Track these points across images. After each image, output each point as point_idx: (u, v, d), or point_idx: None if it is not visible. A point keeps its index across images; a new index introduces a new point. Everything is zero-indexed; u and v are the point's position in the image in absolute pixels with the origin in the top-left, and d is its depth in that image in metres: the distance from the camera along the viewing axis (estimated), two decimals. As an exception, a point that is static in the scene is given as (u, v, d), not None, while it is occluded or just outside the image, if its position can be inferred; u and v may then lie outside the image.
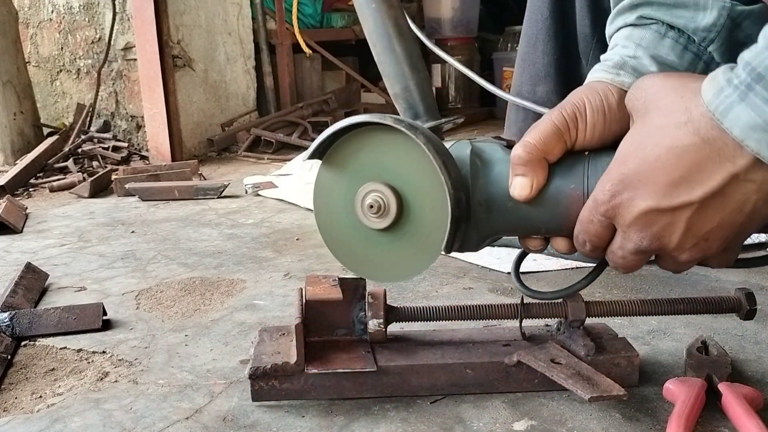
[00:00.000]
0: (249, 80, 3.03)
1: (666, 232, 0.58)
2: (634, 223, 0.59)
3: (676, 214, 0.57)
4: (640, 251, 0.61)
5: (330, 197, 0.72)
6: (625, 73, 0.67)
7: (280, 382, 0.75)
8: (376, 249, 0.72)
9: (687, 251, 0.59)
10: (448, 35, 3.68)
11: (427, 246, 0.70)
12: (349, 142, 0.70)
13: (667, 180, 0.56)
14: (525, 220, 0.69)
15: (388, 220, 0.70)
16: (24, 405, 0.80)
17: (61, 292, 1.20)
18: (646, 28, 0.70)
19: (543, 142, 0.64)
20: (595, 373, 0.72)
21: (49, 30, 3.04)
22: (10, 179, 2.17)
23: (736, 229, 0.58)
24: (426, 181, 0.68)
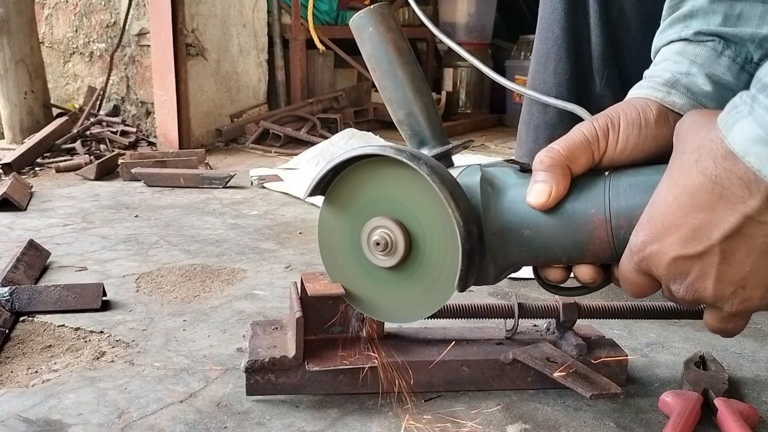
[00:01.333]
0: (261, 73, 3.04)
1: (700, 282, 0.55)
2: (668, 273, 0.56)
3: (704, 260, 0.54)
4: (684, 301, 0.58)
5: (335, 235, 0.70)
6: (676, 92, 0.63)
7: (277, 376, 0.75)
8: (385, 288, 0.69)
9: (728, 301, 0.55)
10: (462, 40, 3.68)
11: (439, 284, 0.66)
12: (352, 176, 0.67)
13: (688, 224, 0.53)
14: (544, 249, 0.63)
15: (397, 257, 0.66)
16: (19, 379, 0.80)
17: (62, 270, 1.21)
18: (702, 45, 0.65)
19: (569, 149, 0.61)
20: (591, 372, 0.74)
21: (65, 12, 3.05)
22: (17, 157, 2.17)
23: None
24: (434, 214, 0.64)
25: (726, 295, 0.55)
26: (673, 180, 0.55)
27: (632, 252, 0.58)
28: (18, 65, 2.57)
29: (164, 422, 0.71)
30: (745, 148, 0.49)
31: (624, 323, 0.98)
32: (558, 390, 0.78)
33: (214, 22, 2.79)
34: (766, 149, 0.48)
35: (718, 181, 0.51)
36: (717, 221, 0.52)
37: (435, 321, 0.83)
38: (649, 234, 0.56)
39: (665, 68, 0.65)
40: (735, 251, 0.53)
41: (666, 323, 0.99)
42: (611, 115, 0.62)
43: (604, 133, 0.61)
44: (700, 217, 0.53)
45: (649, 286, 0.59)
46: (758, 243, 0.52)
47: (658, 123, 0.61)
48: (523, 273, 1.11)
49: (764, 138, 0.48)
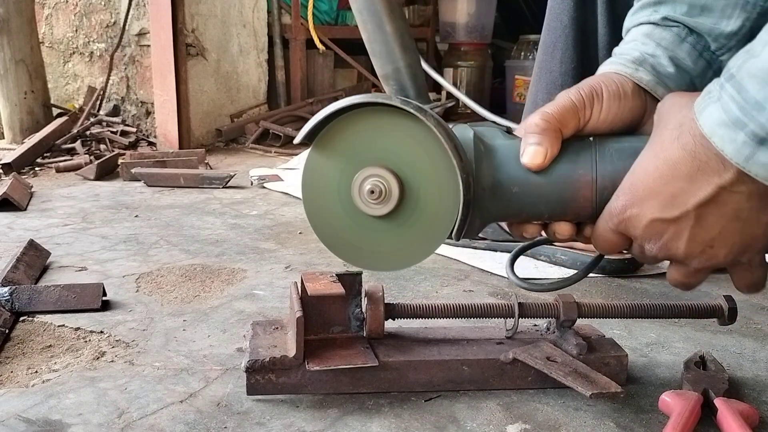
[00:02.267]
0: (261, 73, 3.04)
1: (673, 241, 0.62)
2: (644, 234, 0.63)
3: (679, 223, 0.61)
4: (654, 258, 0.65)
5: (321, 183, 0.68)
6: (643, 70, 0.69)
7: (277, 375, 0.75)
8: (373, 237, 0.69)
9: (696, 258, 0.63)
10: (462, 40, 3.68)
11: (431, 232, 0.68)
12: (345, 124, 0.66)
13: (666, 191, 0.61)
14: (530, 205, 0.67)
15: (390, 206, 0.67)
16: (19, 379, 0.80)
17: (62, 270, 1.21)
18: (668, 29, 0.71)
19: (560, 113, 0.66)
20: (591, 371, 0.74)
21: (65, 12, 3.05)
22: (17, 157, 2.17)
23: (740, 236, 0.61)
24: (431, 165, 0.66)
25: (695, 254, 0.63)
26: (655, 152, 0.62)
27: (612, 214, 0.65)
28: (18, 65, 2.57)
29: (164, 422, 0.71)
30: (711, 129, 0.56)
31: (624, 323, 0.98)
32: (558, 390, 0.78)
33: (214, 22, 2.79)
34: (728, 132, 0.55)
35: (697, 156, 0.58)
36: (694, 190, 0.59)
37: (435, 321, 0.83)
38: (630, 199, 0.63)
39: (634, 47, 0.71)
40: (708, 216, 0.60)
41: (666, 323, 0.99)
42: (594, 86, 0.67)
43: (590, 101, 0.67)
44: (679, 185, 0.60)
45: (621, 244, 0.67)
46: (728, 209, 0.59)
47: (633, 96, 0.68)
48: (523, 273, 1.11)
49: (727, 122, 0.55)
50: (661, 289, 1.16)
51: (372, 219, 0.68)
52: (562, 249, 1.25)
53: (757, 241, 0.62)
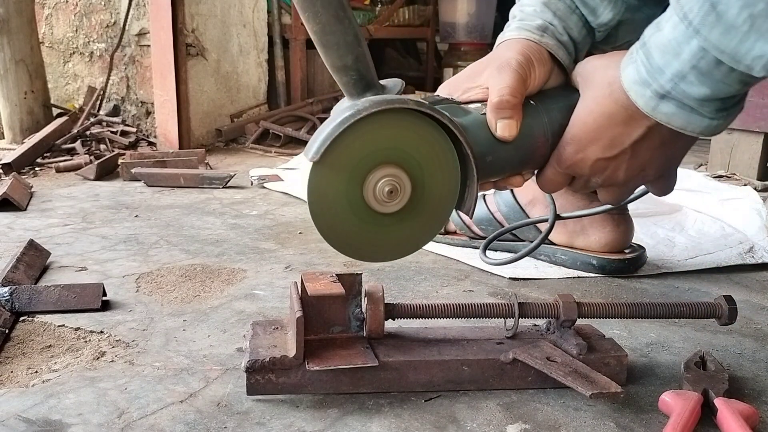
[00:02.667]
0: (261, 73, 3.03)
1: (614, 173, 0.77)
2: (590, 171, 0.77)
3: (618, 159, 0.76)
4: (596, 185, 0.80)
5: (329, 189, 0.69)
6: (548, 36, 0.81)
7: (277, 375, 0.75)
8: (387, 231, 0.73)
9: (632, 180, 0.79)
10: (462, 40, 3.68)
11: (437, 216, 0.74)
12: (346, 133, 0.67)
13: (606, 137, 0.74)
14: (499, 170, 0.77)
15: (404, 200, 0.71)
16: (19, 379, 0.80)
17: (62, 270, 1.21)
18: (562, 1, 0.83)
19: (519, 87, 0.75)
20: (591, 371, 0.74)
21: (65, 12, 3.05)
22: (17, 157, 2.17)
23: (664, 158, 0.77)
24: (433, 153, 0.71)
25: (632, 177, 0.78)
26: (590, 108, 0.75)
27: (560, 161, 0.78)
28: (18, 65, 2.57)
29: (164, 422, 0.71)
30: (629, 85, 0.70)
31: (624, 323, 0.98)
32: (558, 390, 0.78)
33: (214, 22, 2.79)
34: (639, 88, 0.69)
35: (628, 107, 0.71)
36: (629, 132, 0.73)
37: (435, 321, 0.83)
38: (575, 147, 0.76)
39: (535, 15, 0.83)
40: (640, 149, 0.75)
41: (666, 323, 0.99)
42: (524, 55, 0.78)
43: (531, 70, 0.77)
44: (617, 131, 0.74)
45: (565, 183, 0.81)
46: (656, 141, 0.74)
47: (547, 59, 0.80)
48: (523, 273, 1.11)
49: (639, 81, 0.69)
50: (661, 289, 1.16)
51: (382, 216, 0.71)
52: (563, 249, 1.25)
53: (675, 159, 0.79)
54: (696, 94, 0.67)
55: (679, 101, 0.68)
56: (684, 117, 0.69)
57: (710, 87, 0.66)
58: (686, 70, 0.65)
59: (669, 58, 0.66)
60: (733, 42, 0.61)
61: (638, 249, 1.24)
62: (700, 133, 0.71)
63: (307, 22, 0.67)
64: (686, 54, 0.65)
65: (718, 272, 1.24)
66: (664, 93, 0.68)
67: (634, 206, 1.26)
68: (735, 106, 0.70)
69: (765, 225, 1.46)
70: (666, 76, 0.67)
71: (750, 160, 2.06)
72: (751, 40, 0.61)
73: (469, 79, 0.80)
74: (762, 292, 1.15)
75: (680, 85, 0.66)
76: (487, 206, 1.31)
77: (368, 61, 0.70)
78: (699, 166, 2.22)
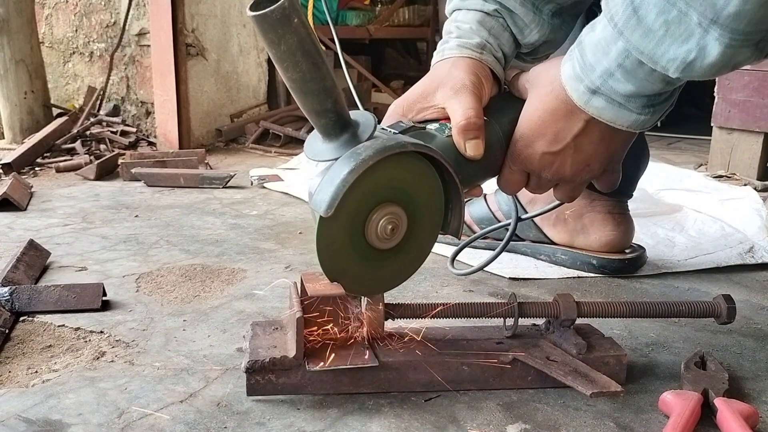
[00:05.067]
0: (261, 73, 3.03)
1: (561, 167, 0.81)
2: (539, 165, 0.81)
3: (564, 153, 0.79)
4: (548, 182, 0.84)
5: (337, 237, 0.72)
6: (486, 53, 0.86)
7: (277, 376, 0.75)
8: (385, 265, 0.77)
9: (578, 175, 0.82)
10: (461, 40, 3.67)
11: (427, 242, 0.79)
12: (357, 181, 0.69)
13: (550, 131, 0.78)
14: (467, 184, 0.82)
15: (401, 234, 0.75)
16: (19, 379, 0.80)
17: (62, 270, 1.21)
18: (496, 19, 0.88)
19: (480, 107, 0.80)
20: (591, 371, 0.74)
21: (65, 11, 3.05)
22: (17, 157, 2.17)
23: (606, 153, 0.80)
24: (423, 185, 0.74)
25: (578, 172, 0.81)
26: (535, 105, 0.80)
27: (512, 158, 0.82)
28: (18, 65, 2.57)
29: (164, 422, 0.71)
30: (566, 81, 0.75)
31: (624, 323, 0.98)
32: (558, 390, 0.78)
33: (214, 22, 2.79)
34: (574, 83, 0.74)
35: (567, 102, 0.76)
36: (570, 126, 0.77)
37: (435, 321, 0.83)
38: (523, 143, 0.81)
39: (472, 33, 0.87)
40: (582, 143, 0.79)
41: (666, 323, 0.99)
42: (475, 75, 0.82)
43: (481, 89, 0.82)
44: (559, 125, 0.78)
45: (522, 180, 0.84)
46: (596, 135, 0.78)
47: (488, 77, 0.85)
48: (523, 273, 1.11)
49: (573, 76, 0.74)
50: (661, 289, 1.16)
51: (385, 251, 0.75)
52: (563, 249, 1.25)
53: (617, 154, 0.83)
54: (623, 91, 0.71)
55: (608, 96, 0.73)
56: (613, 111, 0.73)
57: (635, 84, 0.70)
58: (613, 68, 0.70)
59: (599, 56, 0.71)
60: (650, 45, 0.66)
61: (638, 249, 1.24)
62: (628, 127, 0.75)
63: (286, 72, 0.67)
64: (613, 53, 0.69)
65: (718, 272, 1.24)
66: (595, 88, 0.73)
67: (634, 206, 1.27)
68: (663, 103, 0.74)
69: (765, 225, 1.46)
70: (596, 73, 0.72)
71: (750, 160, 2.06)
72: (666, 43, 0.65)
73: (422, 99, 0.83)
74: (762, 292, 1.15)
75: (608, 82, 0.71)
76: (487, 205, 1.31)
77: (343, 101, 0.71)
78: (699, 166, 2.22)
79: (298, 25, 0.63)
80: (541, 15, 0.90)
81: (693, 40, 0.64)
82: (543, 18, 0.90)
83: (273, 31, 0.63)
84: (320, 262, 0.73)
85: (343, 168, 0.68)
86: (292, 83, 0.68)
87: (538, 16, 0.89)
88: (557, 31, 0.93)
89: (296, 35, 0.64)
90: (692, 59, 0.65)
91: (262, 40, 0.66)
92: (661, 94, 0.73)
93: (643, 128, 0.76)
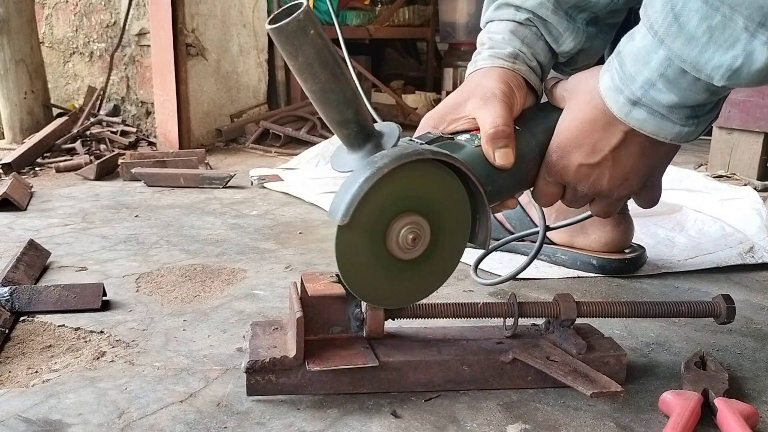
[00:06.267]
0: (261, 73, 3.03)
1: (598, 180, 0.79)
2: (575, 177, 0.79)
3: (601, 166, 0.78)
4: (584, 196, 0.82)
5: (357, 247, 0.71)
6: (519, 63, 0.85)
7: (277, 376, 0.75)
8: (409, 277, 0.76)
9: (616, 190, 0.80)
10: (462, 40, 3.68)
11: (453, 253, 0.77)
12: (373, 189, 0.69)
13: (588, 142, 0.76)
14: (497, 196, 0.79)
15: (425, 245, 0.74)
16: (19, 379, 0.80)
17: (62, 270, 1.21)
18: (529, 29, 0.87)
19: (509, 116, 0.78)
20: (591, 371, 0.74)
21: (65, 11, 3.05)
22: (17, 157, 2.17)
23: (646, 168, 0.79)
24: (450, 196, 0.73)
25: (615, 187, 0.79)
26: (574, 115, 0.78)
27: (547, 169, 0.80)
28: (18, 65, 2.57)
29: (164, 422, 0.71)
30: (605, 92, 0.73)
31: (624, 323, 0.98)
32: (558, 390, 0.78)
33: (214, 22, 2.79)
34: (613, 95, 0.72)
35: (606, 112, 0.74)
36: (608, 137, 0.75)
37: (435, 321, 0.83)
38: (560, 153, 0.79)
39: (505, 43, 0.86)
40: (621, 156, 0.77)
41: (666, 323, 0.99)
42: (506, 84, 0.81)
43: (512, 98, 0.80)
44: (597, 136, 0.76)
45: (557, 193, 0.82)
46: (635, 149, 0.76)
47: (522, 85, 0.83)
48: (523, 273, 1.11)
49: (613, 88, 0.72)
50: (661, 289, 1.16)
51: (408, 262, 0.74)
52: (563, 249, 1.25)
53: (657, 169, 0.81)
54: (665, 101, 0.69)
55: (649, 107, 0.70)
56: (655, 123, 0.71)
57: (678, 95, 0.68)
58: (654, 78, 0.68)
59: (639, 66, 0.69)
60: (693, 52, 0.64)
61: (638, 249, 1.24)
62: (672, 140, 0.72)
63: (306, 83, 0.68)
64: (654, 62, 0.67)
65: (718, 272, 1.24)
66: (636, 99, 0.70)
67: (634, 206, 1.26)
68: (707, 114, 0.71)
69: (765, 225, 1.46)
70: (637, 83, 0.69)
71: (750, 160, 2.06)
72: (710, 50, 0.63)
73: (453, 110, 0.82)
74: (762, 292, 1.15)
75: (650, 92, 0.69)
76: None
77: (366, 112, 0.71)
78: (699, 166, 2.22)
79: (315, 37, 0.65)
80: (576, 23, 0.88)
81: (739, 46, 0.61)
82: (578, 26, 0.88)
83: (290, 44, 0.65)
84: (341, 274, 0.73)
85: (359, 176, 0.68)
86: (312, 94, 0.69)
87: (572, 24, 0.88)
88: (593, 40, 0.91)
89: (313, 47, 0.65)
90: (739, 66, 0.62)
91: (281, 53, 0.67)
92: (705, 104, 0.70)
93: (686, 140, 0.73)
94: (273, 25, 0.64)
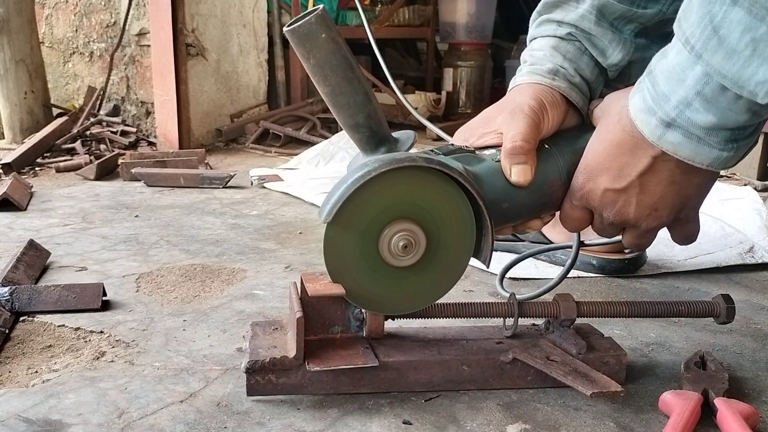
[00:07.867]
0: (261, 73, 3.04)
1: (624, 208, 0.74)
2: (600, 203, 0.75)
3: (627, 192, 0.73)
4: (612, 224, 0.76)
5: (345, 248, 0.71)
6: (559, 79, 0.81)
7: (277, 376, 0.75)
8: (402, 284, 0.75)
9: (644, 220, 0.74)
10: (462, 40, 3.68)
11: (453, 265, 0.75)
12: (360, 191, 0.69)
13: (614, 166, 0.72)
14: (516, 215, 0.77)
15: (419, 254, 0.72)
16: (19, 379, 0.80)
17: (62, 270, 1.21)
18: (571, 43, 0.83)
19: (533, 132, 0.75)
20: (591, 370, 0.74)
21: (65, 11, 3.05)
22: (17, 157, 2.17)
23: (677, 197, 0.72)
24: (446, 205, 0.72)
25: (644, 216, 0.74)
26: (602, 136, 0.73)
27: (573, 193, 0.76)
28: (18, 65, 2.57)
29: (164, 422, 0.71)
30: (635, 114, 0.68)
31: (624, 323, 0.98)
32: (558, 389, 0.78)
33: (214, 22, 2.79)
34: (645, 116, 0.67)
35: (634, 134, 0.69)
36: (635, 162, 0.70)
37: (435, 321, 0.83)
38: (586, 176, 0.75)
39: (545, 59, 0.83)
40: (649, 183, 0.71)
41: (666, 323, 0.99)
42: (537, 100, 0.77)
43: (544, 115, 0.77)
44: (624, 160, 0.71)
45: (584, 218, 0.78)
46: (665, 176, 0.70)
47: (560, 102, 0.79)
48: (523, 273, 1.11)
49: (644, 109, 0.67)
50: (661, 289, 1.16)
51: (401, 269, 0.73)
52: (563, 249, 1.25)
53: (691, 200, 0.74)
54: (702, 122, 0.63)
55: (685, 129, 0.65)
56: (691, 147, 0.65)
57: (716, 115, 0.63)
58: (691, 97, 0.63)
59: (674, 84, 0.64)
60: (735, 67, 0.59)
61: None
62: (708, 165, 0.67)
63: (318, 85, 0.69)
64: (690, 80, 0.62)
65: (718, 272, 1.24)
66: (670, 121, 0.65)
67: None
68: (747, 137, 0.66)
69: (765, 225, 1.46)
70: (671, 103, 0.64)
71: (750, 160, 2.06)
72: (753, 65, 0.58)
73: (484, 124, 0.80)
74: (762, 292, 1.15)
75: (686, 113, 0.64)
76: None
77: (380, 117, 0.72)
78: (699, 166, 2.22)
79: (326, 41, 0.66)
80: (622, 34, 0.84)
81: None
82: (625, 37, 0.83)
83: (302, 46, 0.67)
84: (327, 271, 0.73)
85: (349, 178, 0.69)
86: (324, 96, 0.70)
87: (618, 35, 0.83)
88: (645, 51, 0.84)
89: (323, 50, 0.66)
90: None
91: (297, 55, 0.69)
92: (746, 127, 0.65)
93: (724, 167, 0.67)
94: (287, 28, 0.66)
